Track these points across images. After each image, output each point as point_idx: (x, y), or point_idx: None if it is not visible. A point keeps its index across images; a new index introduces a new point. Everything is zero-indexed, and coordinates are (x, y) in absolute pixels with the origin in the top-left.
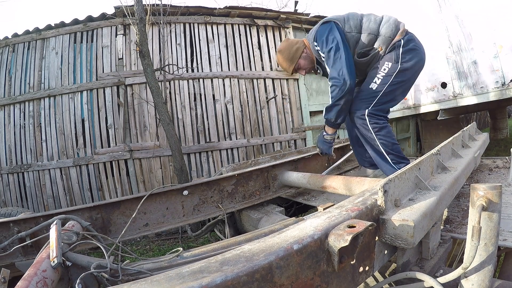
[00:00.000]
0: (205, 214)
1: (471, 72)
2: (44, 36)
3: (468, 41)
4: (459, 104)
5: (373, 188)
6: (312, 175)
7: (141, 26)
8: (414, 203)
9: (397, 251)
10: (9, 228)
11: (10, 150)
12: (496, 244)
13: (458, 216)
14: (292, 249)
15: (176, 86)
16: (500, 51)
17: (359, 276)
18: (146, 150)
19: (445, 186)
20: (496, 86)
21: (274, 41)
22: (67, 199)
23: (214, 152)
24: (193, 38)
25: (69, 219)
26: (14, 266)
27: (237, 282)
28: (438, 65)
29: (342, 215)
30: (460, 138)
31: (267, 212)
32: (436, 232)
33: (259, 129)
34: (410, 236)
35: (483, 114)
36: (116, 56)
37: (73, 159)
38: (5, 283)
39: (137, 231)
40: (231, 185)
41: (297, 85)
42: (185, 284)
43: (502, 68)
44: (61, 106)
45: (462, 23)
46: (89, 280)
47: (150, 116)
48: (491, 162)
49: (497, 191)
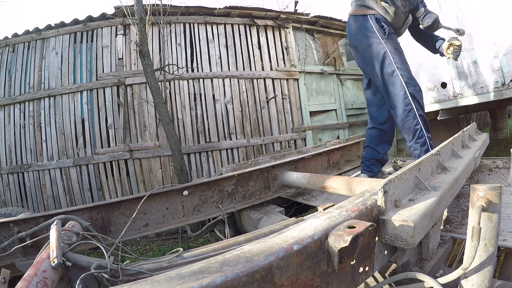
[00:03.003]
0: (205, 214)
1: (471, 72)
2: (44, 36)
3: (468, 41)
4: (459, 104)
5: (373, 189)
6: (312, 175)
7: (141, 26)
8: (414, 204)
9: (397, 251)
10: (9, 228)
11: (10, 150)
12: (496, 245)
13: (458, 216)
14: (292, 250)
15: (176, 86)
16: (500, 51)
17: (359, 276)
18: (146, 150)
19: (445, 187)
20: (496, 86)
21: (274, 41)
22: (67, 199)
23: (214, 152)
24: (193, 38)
25: (69, 219)
26: (14, 266)
27: (237, 282)
28: (438, 65)
29: (342, 216)
30: (460, 139)
31: (267, 212)
32: (436, 232)
33: (259, 129)
34: (410, 236)
35: (483, 114)
36: (116, 56)
37: (73, 159)
38: (5, 283)
39: (137, 231)
40: (231, 185)
41: (297, 85)
42: (185, 285)
43: (502, 68)
44: (61, 106)
45: (462, 23)
46: (89, 280)
47: (150, 116)
48: (491, 162)
49: (497, 192)
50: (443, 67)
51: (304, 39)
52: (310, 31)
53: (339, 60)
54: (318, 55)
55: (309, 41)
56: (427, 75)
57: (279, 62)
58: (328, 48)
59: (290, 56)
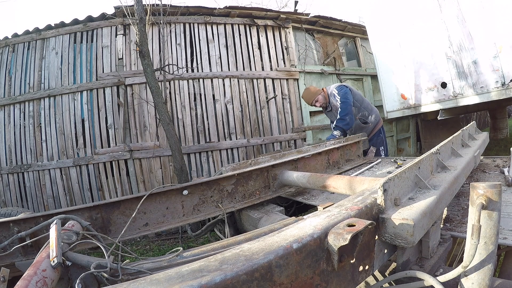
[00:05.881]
0: (205, 213)
1: (471, 72)
2: (44, 36)
3: (468, 41)
4: (459, 104)
5: (373, 187)
6: (312, 174)
7: (141, 26)
8: (414, 202)
9: (397, 250)
10: (9, 228)
11: (10, 150)
12: (496, 243)
13: (458, 215)
14: (292, 248)
15: (176, 86)
16: (500, 51)
17: (359, 275)
18: (146, 150)
19: (445, 185)
20: (496, 86)
21: (274, 41)
22: (67, 199)
23: (214, 152)
24: (193, 38)
25: (69, 219)
26: (14, 265)
27: (236, 281)
28: (439, 65)
29: (341, 214)
30: (460, 138)
31: (267, 212)
32: (436, 231)
33: (259, 129)
34: (410, 235)
35: (483, 114)
36: (116, 56)
37: (73, 159)
38: (5, 282)
39: (137, 231)
40: (231, 185)
41: (297, 85)
42: (184, 283)
43: (502, 68)
44: (61, 106)
45: (462, 23)
46: (89, 279)
47: (150, 116)
48: (491, 161)
49: (496, 190)
50: (443, 67)
51: (304, 39)
52: (310, 31)
53: (339, 60)
54: (318, 55)
55: (309, 41)
56: (427, 75)
57: (279, 62)
58: (328, 48)
59: (290, 56)
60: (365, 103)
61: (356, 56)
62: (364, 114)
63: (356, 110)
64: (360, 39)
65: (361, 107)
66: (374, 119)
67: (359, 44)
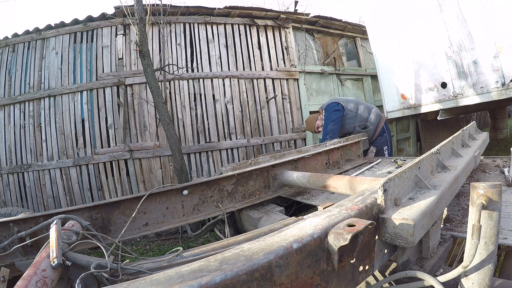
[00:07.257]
0: (205, 213)
1: (471, 72)
2: (44, 36)
3: (468, 41)
4: (459, 104)
5: (373, 187)
6: (312, 174)
7: (141, 26)
8: (414, 202)
9: (397, 250)
10: (9, 228)
11: (10, 150)
12: (496, 243)
13: (458, 215)
14: (292, 248)
15: (176, 86)
16: (500, 51)
17: (359, 275)
18: (146, 150)
19: (445, 185)
20: (496, 86)
21: (274, 41)
22: (67, 199)
23: (214, 152)
24: (193, 38)
25: (69, 219)
26: (14, 265)
27: (236, 281)
28: (439, 65)
29: (342, 214)
30: (460, 137)
31: (267, 212)
32: (436, 231)
33: (259, 129)
34: (410, 235)
35: (483, 114)
36: (116, 56)
37: (73, 159)
38: (5, 282)
39: (137, 230)
40: (231, 185)
41: (297, 85)
42: (184, 283)
43: (502, 68)
44: (61, 106)
45: (463, 23)
46: (89, 279)
47: (150, 116)
48: (491, 161)
49: (497, 190)
50: (443, 66)
51: (304, 39)
52: (310, 31)
53: (339, 60)
54: (318, 55)
55: (309, 41)
56: (427, 75)
57: (279, 62)
58: (328, 48)
59: (290, 56)
60: (361, 108)
61: (356, 56)
62: (362, 119)
63: (352, 119)
64: (360, 39)
65: (357, 113)
66: (374, 119)
67: (359, 44)
